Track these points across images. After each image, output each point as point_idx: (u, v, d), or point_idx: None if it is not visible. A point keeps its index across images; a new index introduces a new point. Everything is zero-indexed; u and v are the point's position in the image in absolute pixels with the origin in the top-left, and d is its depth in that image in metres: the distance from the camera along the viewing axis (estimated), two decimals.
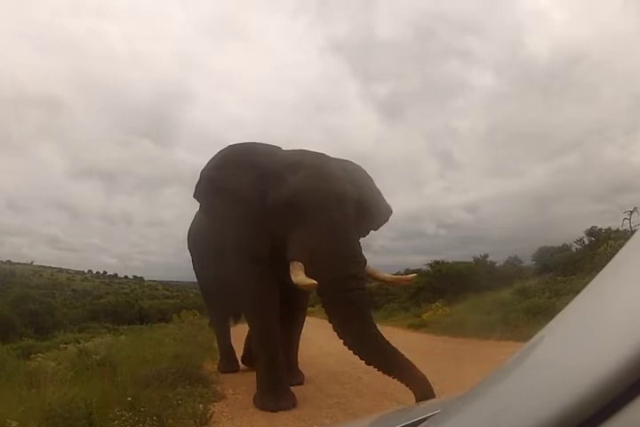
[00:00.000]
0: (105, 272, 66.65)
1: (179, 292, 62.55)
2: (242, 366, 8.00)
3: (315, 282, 4.59)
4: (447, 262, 19.09)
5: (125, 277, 67.58)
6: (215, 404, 5.67)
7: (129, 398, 4.93)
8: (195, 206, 6.64)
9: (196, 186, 5.95)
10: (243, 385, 6.43)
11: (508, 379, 0.60)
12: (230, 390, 6.36)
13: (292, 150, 5.92)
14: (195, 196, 5.95)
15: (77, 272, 64.62)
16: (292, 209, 5.03)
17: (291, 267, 4.84)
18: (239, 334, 8.03)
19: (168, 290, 63.92)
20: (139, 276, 68.35)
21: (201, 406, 5.23)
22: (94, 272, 66.07)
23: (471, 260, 20.07)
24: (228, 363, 8.11)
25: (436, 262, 19.36)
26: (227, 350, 8.32)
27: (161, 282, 67.62)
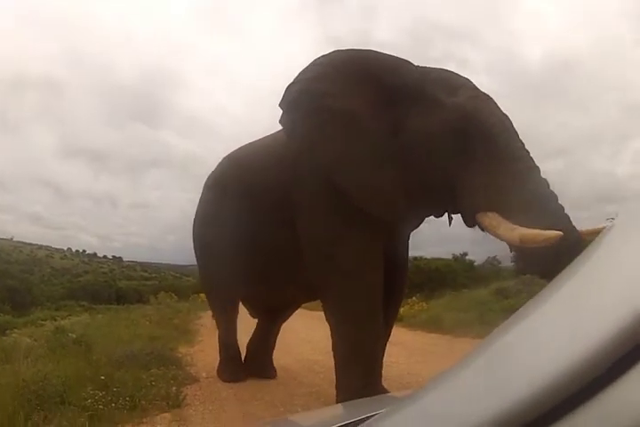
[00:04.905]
0: (84, 251, 66.29)
1: (157, 273, 62.52)
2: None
3: (560, 232, 3.10)
4: (425, 258, 19.10)
5: (104, 256, 67.28)
6: (188, 387, 5.70)
7: (102, 378, 4.96)
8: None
9: (285, 103, 4.01)
10: (216, 369, 6.44)
11: (458, 377, 0.58)
12: (204, 374, 6.38)
13: (427, 67, 4.13)
14: (281, 120, 4.08)
15: (57, 250, 64.18)
16: (461, 139, 3.66)
17: (487, 220, 3.57)
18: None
19: (146, 271, 63.82)
20: (118, 256, 68.04)
21: (174, 388, 5.26)
22: (74, 250, 65.64)
23: (450, 257, 20.21)
24: (234, 370, 6.06)
25: (415, 258, 19.43)
26: (233, 352, 6.23)
27: (140, 263, 67.46)
